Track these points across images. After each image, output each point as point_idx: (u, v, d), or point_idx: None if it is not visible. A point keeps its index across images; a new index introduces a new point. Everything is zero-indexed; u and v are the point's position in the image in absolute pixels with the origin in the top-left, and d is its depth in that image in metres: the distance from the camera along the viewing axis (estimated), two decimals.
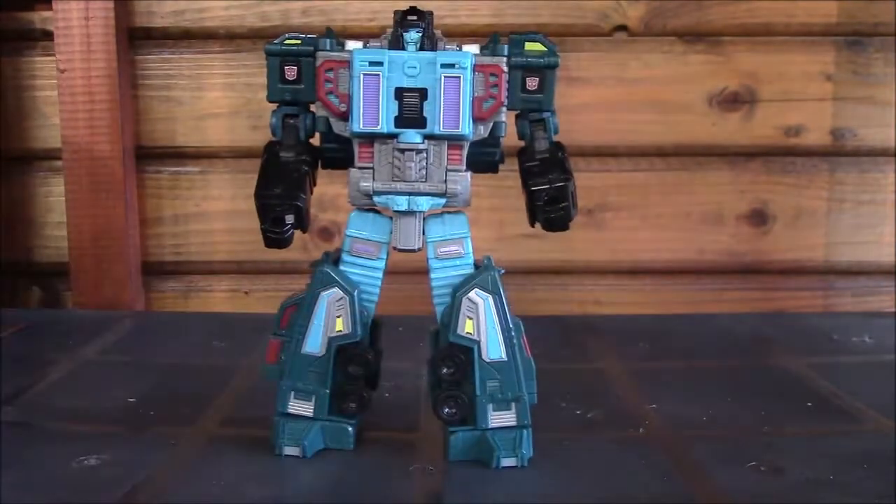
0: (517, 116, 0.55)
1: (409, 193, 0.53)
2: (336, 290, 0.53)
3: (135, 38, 0.96)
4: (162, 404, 0.64)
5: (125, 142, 0.94)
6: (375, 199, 0.53)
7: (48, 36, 0.94)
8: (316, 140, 0.56)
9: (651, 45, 0.96)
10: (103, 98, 0.93)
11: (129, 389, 0.67)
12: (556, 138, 0.55)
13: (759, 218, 0.98)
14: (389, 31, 0.53)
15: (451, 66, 0.51)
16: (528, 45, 0.53)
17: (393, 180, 0.52)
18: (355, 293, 0.53)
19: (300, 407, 0.54)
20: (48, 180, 0.98)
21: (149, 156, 0.97)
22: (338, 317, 0.53)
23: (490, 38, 0.53)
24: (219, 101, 0.97)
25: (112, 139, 0.93)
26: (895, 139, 0.97)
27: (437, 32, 0.53)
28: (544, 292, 0.98)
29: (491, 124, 0.53)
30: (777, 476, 0.52)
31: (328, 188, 0.94)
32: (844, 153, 0.97)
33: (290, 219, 0.53)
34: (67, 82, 0.93)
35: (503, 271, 0.54)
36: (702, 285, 0.99)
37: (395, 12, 0.52)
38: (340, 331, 0.53)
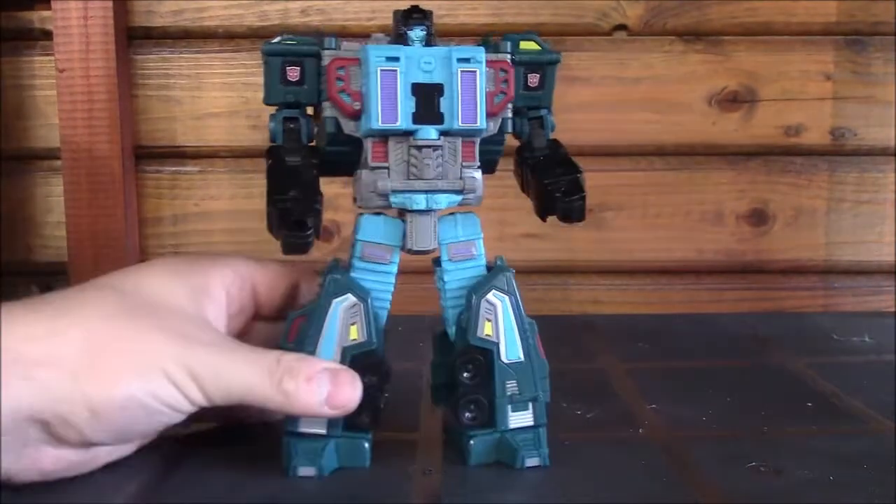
0: (514, 114, 0.54)
1: (427, 191, 0.51)
2: (349, 297, 0.51)
3: (134, 37, 0.96)
4: None
5: (124, 141, 0.94)
6: (392, 198, 0.51)
7: (47, 36, 0.94)
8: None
9: (651, 45, 0.96)
10: (102, 98, 0.93)
11: None
12: (552, 136, 0.55)
13: (758, 217, 0.98)
14: (380, 34, 0.52)
15: (467, 60, 0.50)
16: (523, 45, 0.53)
17: (409, 178, 0.51)
18: (369, 299, 0.51)
19: (312, 424, 0.51)
20: (48, 180, 0.98)
21: (148, 155, 0.97)
22: (352, 324, 0.51)
23: (481, 40, 0.53)
24: (218, 101, 0.96)
25: (111, 139, 0.93)
26: (895, 139, 0.97)
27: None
28: (544, 292, 0.98)
29: (500, 120, 0.53)
30: (777, 476, 0.52)
31: (327, 188, 0.93)
32: (844, 153, 0.97)
33: (311, 221, 0.50)
34: (66, 82, 0.93)
35: (514, 271, 0.53)
36: (702, 285, 0.99)
37: (396, 12, 0.51)
38: (355, 339, 0.51)
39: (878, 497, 0.49)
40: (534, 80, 0.54)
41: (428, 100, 0.50)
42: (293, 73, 0.52)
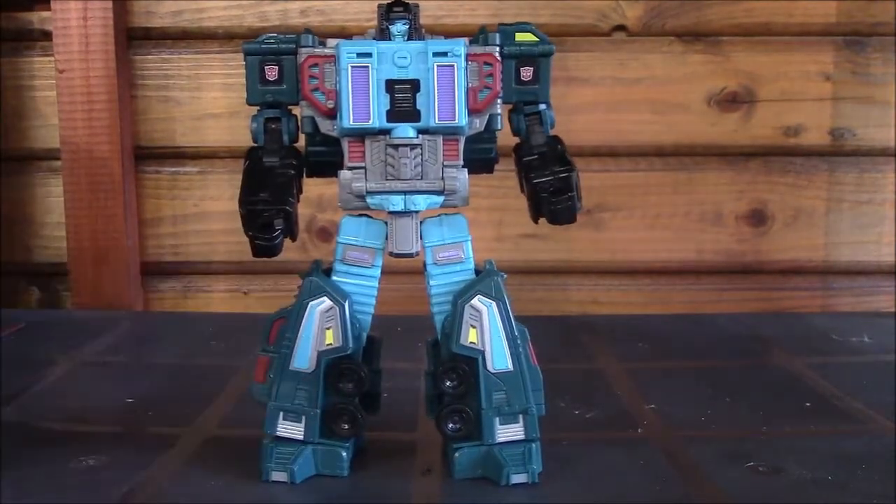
0: (511, 111, 0.53)
1: (405, 192, 0.49)
2: (325, 299, 0.50)
3: (133, 38, 0.96)
4: (160, 405, 0.64)
5: (124, 142, 0.94)
6: (369, 199, 0.50)
7: (47, 36, 0.94)
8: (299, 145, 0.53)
9: (650, 45, 0.96)
10: (102, 98, 0.93)
11: (128, 390, 0.67)
12: (552, 132, 0.53)
13: (758, 218, 0.98)
14: (373, 29, 0.50)
15: (444, 54, 0.48)
16: (519, 36, 0.52)
17: (387, 179, 0.49)
18: (346, 303, 0.50)
19: (290, 429, 0.50)
20: (48, 180, 0.98)
21: (148, 156, 0.97)
22: (327, 329, 0.49)
23: (478, 31, 0.51)
24: (217, 102, 0.97)
25: (111, 139, 0.93)
26: (894, 139, 0.97)
27: (422, 29, 0.50)
28: (543, 292, 0.98)
29: (486, 117, 0.50)
30: (776, 476, 0.52)
31: (328, 188, 0.93)
32: (843, 153, 0.97)
33: (278, 223, 0.50)
34: (66, 83, 0.93)
35: (505, 276, 0.51)
36: (701, 285, 0.99)
37: (379, 6, 0.50)
38: (330, 344, 0.50)
39: (878, 497, 0.49)
40: (527, 73, 0.51)
41: (403, 97, 0.48)
42: (271, 73, 0.51)
